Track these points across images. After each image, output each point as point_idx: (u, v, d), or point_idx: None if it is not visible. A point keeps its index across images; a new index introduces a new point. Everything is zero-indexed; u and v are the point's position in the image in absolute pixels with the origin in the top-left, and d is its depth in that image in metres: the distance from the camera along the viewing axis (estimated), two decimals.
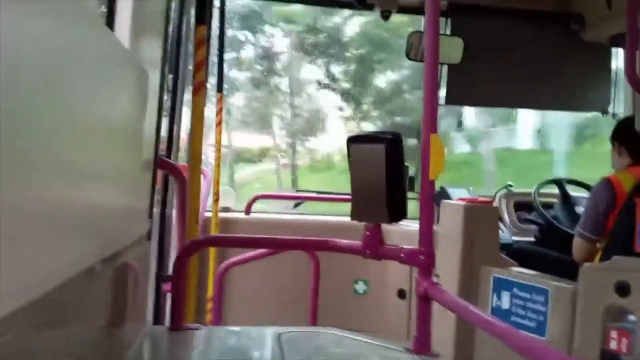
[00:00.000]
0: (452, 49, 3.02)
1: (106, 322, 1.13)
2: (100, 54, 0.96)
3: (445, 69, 3.18)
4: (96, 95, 0.94)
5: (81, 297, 0.90)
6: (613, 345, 2.01)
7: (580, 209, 2.98)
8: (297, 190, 6.00)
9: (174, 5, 1.87)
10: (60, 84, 0.76)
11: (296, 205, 4.09)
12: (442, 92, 3.22)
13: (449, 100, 3.33)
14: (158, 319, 2.06)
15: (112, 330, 1.18)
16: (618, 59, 3.33)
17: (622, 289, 2.01)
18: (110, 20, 1.09)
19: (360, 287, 3.47)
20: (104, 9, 1.11)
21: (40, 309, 0.72)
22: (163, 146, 2.05)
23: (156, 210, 1.69)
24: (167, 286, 1.89)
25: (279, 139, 8.57)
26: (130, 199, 1.29)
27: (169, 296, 1.72)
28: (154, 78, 1.44)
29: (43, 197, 0.72)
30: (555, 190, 3.30)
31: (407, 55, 3.05)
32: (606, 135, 2.76)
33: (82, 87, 0.86)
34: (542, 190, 3.23)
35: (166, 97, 1.80)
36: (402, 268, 2.98)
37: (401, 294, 3.29)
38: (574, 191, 3.30)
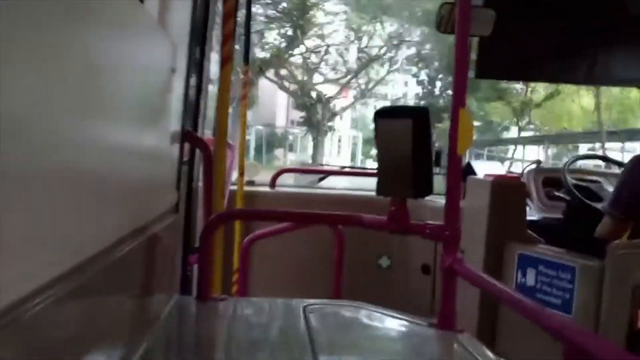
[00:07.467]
0: (483, 20, 2.95)
1: (137, 291, 1.15)
2: (130, 27, 0.96)
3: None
4: (125, 68, 0.95)
5: (113, 267, 0.92)
6: None
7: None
8: (322, 165, 5.99)
9: None
10: (91, 57, 0.76)
11: (320, 180, 4.09)
12: None
13: (480, 74, 3.27)
14: (185, 290, 2.09)
15: (143, 299, 1.21)
16: None
17: None
18: None
19: (384, 262, 3.48)
20: None
21: (75, 278, 0.74)
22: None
23: (183, 183, 1.71)
24: (193, 258, 1.91)
25: None
26: (157, 171, 1.30)
27: (196, 268, 1.75)
28: (182, 51, 1.44)
29: (74, 170, 0.73)
30: (585, 166, 3.24)
31: (438, 28, 2.99)
32: None
33: (112, 60, 0.87)
34: (571, 167, 3.17)
35: (193, 70, 1.80)
36: (426, 244, 2.97)
37: (425, 269, 3.29)
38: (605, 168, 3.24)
